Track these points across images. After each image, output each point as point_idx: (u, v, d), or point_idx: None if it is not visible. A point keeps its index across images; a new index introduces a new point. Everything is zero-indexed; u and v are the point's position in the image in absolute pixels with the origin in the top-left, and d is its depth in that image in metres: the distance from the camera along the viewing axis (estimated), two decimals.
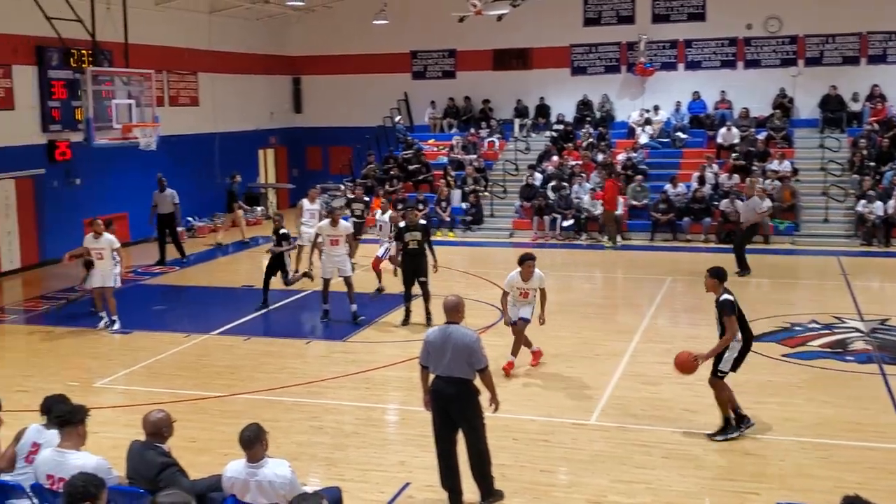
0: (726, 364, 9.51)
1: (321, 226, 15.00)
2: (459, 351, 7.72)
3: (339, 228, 14.68)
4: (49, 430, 6.92)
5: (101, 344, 13.86)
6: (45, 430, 6.92)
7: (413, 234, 14.20)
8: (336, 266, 14.67)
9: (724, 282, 9.65)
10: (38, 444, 6.81)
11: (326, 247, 14.67)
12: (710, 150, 25.20)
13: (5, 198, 19.56)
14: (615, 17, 27.77)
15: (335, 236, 14.65)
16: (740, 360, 9.60)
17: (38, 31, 19.28)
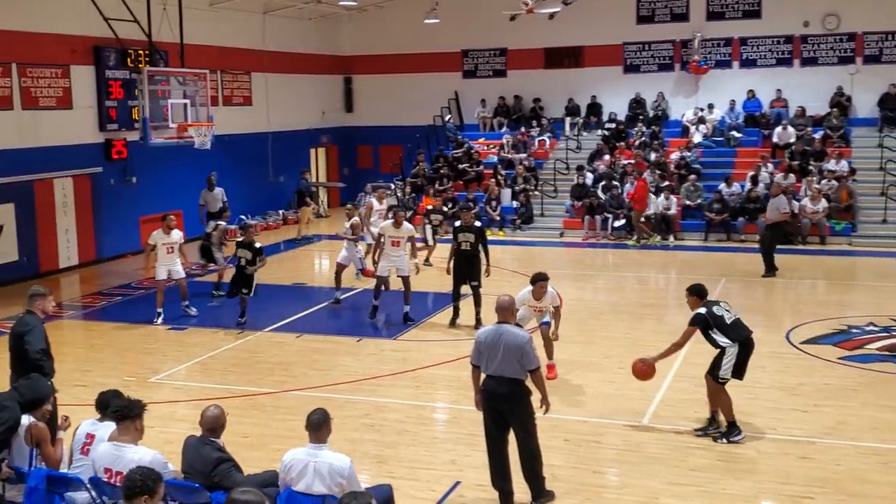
0: (727, 372, 9.39)
1: (384, 226, 14.93)
2: (511, 351, 7.70)
3: (402, 230, 14.66)
4: (103, 422, 7.05)
5: (157, 340, 14.06)
6: (98, 423, 7.05)
7: (466, 235, 14.12)
8: (394, 265, 14.66)
9: (704, 298, 9.61)
10: (92, 434, 6.94)
11: (387, 247, 14.64)
12: (765, 150, 24.84)
13: (63, 196, 19.92)
14: (669, 15, 27.51)
15: (397, 238, 14.65)
16: (742, 367, 9.46)
17: (96, 32, 19.62)
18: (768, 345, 13.12)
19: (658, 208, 22.82)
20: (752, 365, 11.95)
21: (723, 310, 9.50)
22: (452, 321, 14.37)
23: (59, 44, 19.52)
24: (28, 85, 18.85)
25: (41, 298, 8.61)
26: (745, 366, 9.50)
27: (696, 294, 9.65)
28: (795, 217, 21.84)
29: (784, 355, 12.64)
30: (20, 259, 18.81)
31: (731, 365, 9.36)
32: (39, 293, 8.65)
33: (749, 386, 11.18)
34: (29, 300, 8.57)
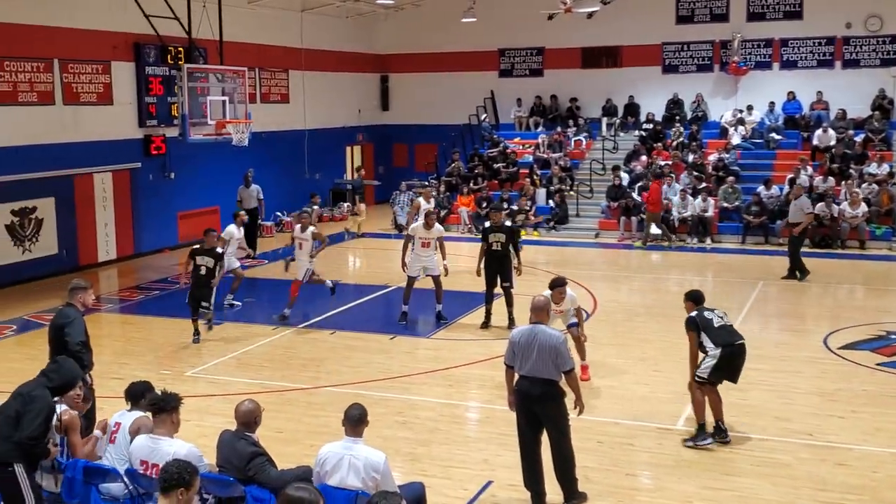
0: (704, 371, 9.28)
1: (415, 227, 14.83)
2: (545, 351, 7.69)
3: (432, 231, 14.62)
4: (131, 412, 7.12)
5: (192, 334, 14.15)
6: (126, 412, 7.12)
7: (497, 235, 14.02)
8: (423, 265, 14.65)
9: (700, 304, 9.53)
10: (119, 423, 7.02)
11: (417, 248, 14.59)
12: (804, 152, 24.56)
13: (103, 190, 20.15)
14: (709, 15, 27.29)
15: (427, 239, 14.61)
16: (734, 371, 9.39)
17: (137, 29, 19.81)
18: (805, 350, 13.01)
19: (695, 210, 22.64)
20: (790, 370, 11.97)
21: (714, 315, 9.42)
22: (485, 324, 14.28)
23: (100, 40, 19.75)
24: (69, 80, 19.09)
25: (82, 291, 8.72)
26: (738, 371, 9.44)
27: (692, 300, 9.64)
28: (835, 221, 21.59)
29: (821, 360, 12.49)
30: (59, 253, 19.06)
31: (710, 367, 9.24)
32: (80, 286, 8.76)
33: (786, 391, 11.12)
34: (70, 293, 8.68)
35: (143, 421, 6.92)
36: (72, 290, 8.69)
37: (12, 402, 6.60)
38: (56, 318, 8.62)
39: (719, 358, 9.22)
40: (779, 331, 14.55)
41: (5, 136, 17.74)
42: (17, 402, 6.55)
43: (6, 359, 12.85)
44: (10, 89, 17.77)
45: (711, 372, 9.27)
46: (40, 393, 6.65)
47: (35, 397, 6.59)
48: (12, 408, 6.55)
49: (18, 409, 6.51)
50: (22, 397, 6.57)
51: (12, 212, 18.04)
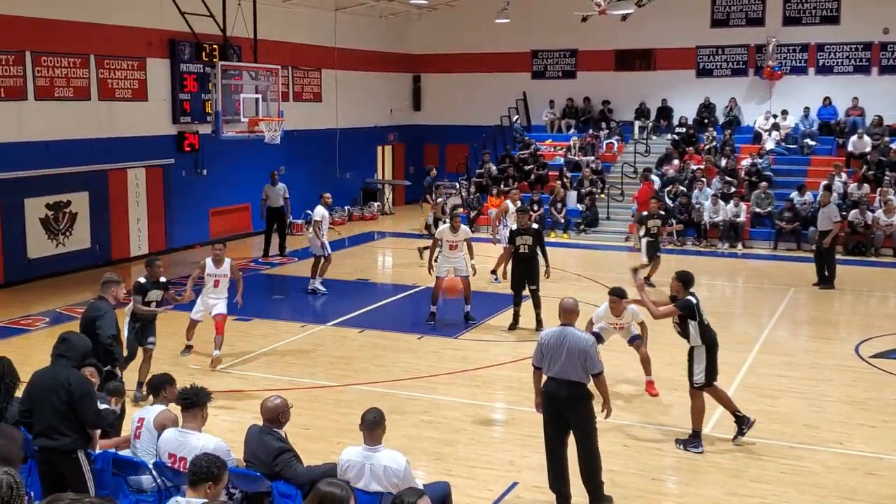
0: (700, 377, 9.26)
1: (442, 230, 14.90)
2: (575, 354, 7.67)
3: (459, 234, 14.68)
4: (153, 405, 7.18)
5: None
6: (149, 407, 7.19)
7: (524, 237, 14.01)
8: (453, 266, 14.67)
9: (689, 287, 9.41)
10: (142, 418, 7.08)
11: (445, 250, 14.63)
12: (839, 158, 24.31)
13: (136, 186, 20.34)
14: (744, 19, 27.08)
15: (455, 241, 14.64)
16: (712, 370, 9.34)
17: (172, 26, 19.99)
18: (836, 358, 12.88)
19: (727, 215, 22.49)
20: (820, 377, 11.86)
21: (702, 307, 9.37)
22: (512, 325, 14.26)
23: (136, 37, 19.95)
24: (105, 76, 19.30)
25: (114, 285, 8.82)
26: (716, 367, 9.40)
27: (682, 281, 9.46)
28: (869, 228, 21.36)
29: (853, 369, 12.35)
30: (92, 247, 19.27)
31: (703, 369, 9.23)
32: (113, 280, 8.86)
33: (816, 399, 11.02)
34: (102, 287, 8.77)
35: (166, 415, 6.98)
36: (104, 284, 8.78)
37: (50, 394, 6.49)
38: (88, 311, 8.72)
39: (707, 359, 9.24)
40: (810, 338, 14.40)
41: (41, 131, 17.96)
42: (61, 394, 6.46)
43: (38, 350, 12.96)
44: (46, 84, 17.98)
45: (706, 375, 9.25)
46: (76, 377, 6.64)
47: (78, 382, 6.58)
48: (54, 399, 6.47)
49: (65, 399, 6.45)
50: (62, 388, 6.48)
51: (47, 205, 18.26)
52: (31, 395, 6.59)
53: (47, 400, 6.49)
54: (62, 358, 6.71)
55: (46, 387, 6.54)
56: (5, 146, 17.30)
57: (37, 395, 6.55)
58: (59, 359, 6.72)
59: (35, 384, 6.61)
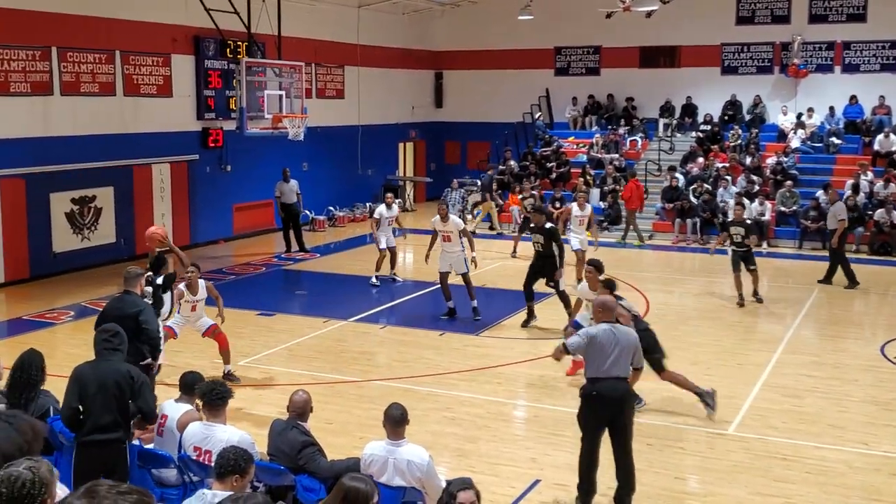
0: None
1: (433, 221, 14.99)
2: (626, 350, 7.65)
3: (449, 224, 14.66)
4: (178, 402, 7.19)
5: (246, 324, 14.31)
6: (172, 402, 7.20)
7: (536, 237, 13.98)
8: (450, 261, 14.63)
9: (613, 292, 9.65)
10: (165, 415, 7.10)
11: (440, 242, 14.72)
12: (865, 157, 24.10)
13: (161, 181, 20.45)
14: (770, 17, 26.89)
15: (446, 232, 14.65)
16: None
17: (197, 22, 20.09)
18: (862, 358, 12.77)
19: (752, 214, 22.33)
20: (845, 377, 11.77)
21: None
22: (525, 322, 14.13)
23: (160, 33, 20.05)
24: (130, 72, 19.41)
25: (140, 278, 8.88)
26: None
27: (608, 287, 9.92)
28: (895, 228, 21.17)
29: (878, 369, 12.24)
30: (117, 241, 19.39)
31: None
32: (139, 273, 8.92)
33: (841, 399, 10.94)
34: (129, 280, 8.80)
35: (191, 415, 6.99)
36: (133, 277, 8.80)
37: (111, 388, 6.53)
38: (123, 307, 8.64)
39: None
40: (835, 338, 14.28)
41: (67, 126, 18.10)
42: (123, 386, 6.54)
43: (64, 344, 13.11)
44: (72, 80, 18.11)
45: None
46: (135, 370, 6.79)
47: (138, 374, 6.72)
48: (115, 392, 6.53)
49: (126, 391, 6.55)
50: (124, 381, 6.56)
51: (72, 200, 18.40)
52: (86, 389, 6.56)
53: (107, 393, 6.54)
54: (116, 352, 6.80)
55: (105, 381, 6.57)
56: (31, 141, 17.45)
57: (95, 390, 6.53)
58: (112, 352, 6.78)
59: (90, 378, 6.60)
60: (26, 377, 6.90)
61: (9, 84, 16.93)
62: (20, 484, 3.22)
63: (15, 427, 3.85)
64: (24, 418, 4.09)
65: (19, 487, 3.21)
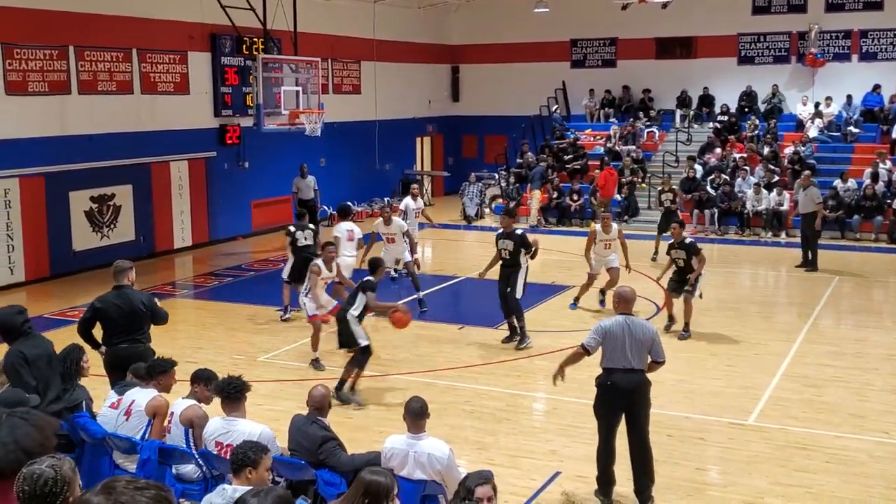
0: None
1: (376, 224, 15.24)
2: (640, 342, 7.63)
3: (392, 226, 14.93)
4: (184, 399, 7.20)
5: (266, 320, 14.38)
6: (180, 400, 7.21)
7: (505, 242, 12.77)
8: (393, 256, 14.99)
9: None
10: (173, 412, 7.15)
11: (384, 244, 15.00)
12: (883, 146, 23.92)
13: (179, 178, 20.56)
14: (786, 6, 26.71)
15: (390, 235, 14.92)
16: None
17: (213, 20, 20.17)
18: (882, 347, 12.71)
19: (770, 204, 22.25)
20: (866, 366, 11.72)
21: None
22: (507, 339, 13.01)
23: (177, 31, 20.14)
24: (147, 70, 19.51)
25: (130, 271, 9.01)
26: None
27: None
28: None
29: None
30: (137, 239, 19.52)
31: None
32: (128, 266, 9.05)
33: (861, 388, 10.90)
34: (120, 274, 8.90)
35: (194, 411, 7.01)
36: (124, 271, 8.94)
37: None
38: (130, 300, 8.78)
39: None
40: (855, 327, 14.22)
41: (85, 124, 18.21)
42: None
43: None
44: (90, 78, 18.22)
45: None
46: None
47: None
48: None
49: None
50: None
51: (91, 198, 18.52)
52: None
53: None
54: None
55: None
56: (50, 140, 17.57)
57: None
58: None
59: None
60: (64, 369, 7.18)
61: (27, 84, 17.06)
62: (42, 482, 3.24)
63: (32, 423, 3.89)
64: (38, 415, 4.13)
65: (41, 485, 3.23)
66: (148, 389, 7.23)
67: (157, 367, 7.44)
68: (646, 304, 14.52)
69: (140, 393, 7.20)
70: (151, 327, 8.98)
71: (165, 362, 7.53)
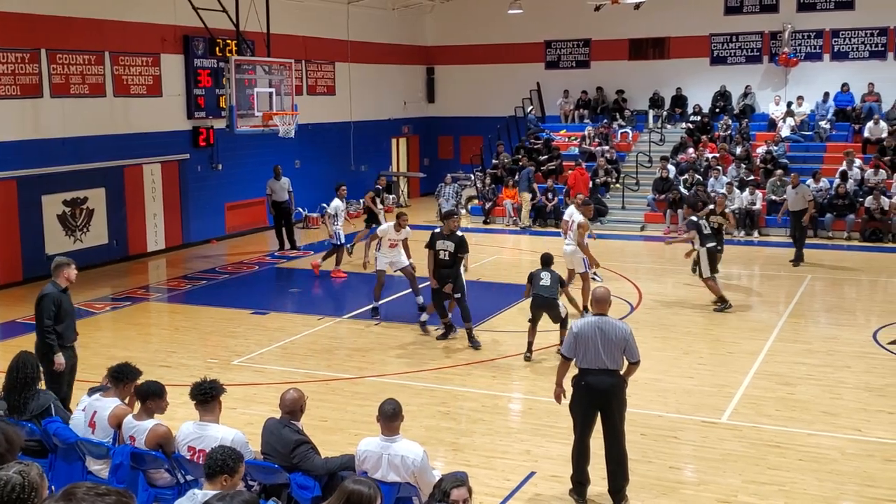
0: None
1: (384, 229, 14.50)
2: (613, 343, 7.66)
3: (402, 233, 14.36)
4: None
5: (240, 324, 14.33)
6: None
7: (445, 243, 12.80)
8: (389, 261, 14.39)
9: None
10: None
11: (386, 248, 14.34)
12: (854, 145, 24.16)
13: (152, 181, 20.43)
14: (758, 6, 26.92)
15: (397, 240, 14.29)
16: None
17: (186, 22, 20.07)
18: (854, 344, 12.83)
19: (742, 203, 22.41)
20: (838, 364, 11.84)
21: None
22: (443, 335, 13.22)
23: (149, 33, 20.01)
24: (120, 73, 19.38)
25: (66, 267, 9.01)
26: None
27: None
28: (885, 215, 21.26)
29: (871, 355, 12.30)
30: (110, 242, 19.38)
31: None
32: (64, 263, 9.07)
33: (834, 385, 10.99)
34: (54, 270, 8.97)
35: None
36: (56, 268, 8.99)
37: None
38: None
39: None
40: (827, 325, 14.35)
41: (58, 128, 18.07)
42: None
43: None
44: (62, 81, 18.08)
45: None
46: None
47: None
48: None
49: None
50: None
51: (64, 202, 18.37)
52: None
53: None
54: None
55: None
56: (22, 143, 17.42)
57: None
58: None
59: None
60: (23, 377, 7.14)
61: None
62: (10, 488, 3.22)
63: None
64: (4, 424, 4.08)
65: (9, 491, 3.21)
66: (108, 400, 7.09)
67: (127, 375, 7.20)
68: (620, 304, 14.58)
69: (99, 403, 7.08)
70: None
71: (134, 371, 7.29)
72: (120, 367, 7.25)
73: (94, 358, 11.36)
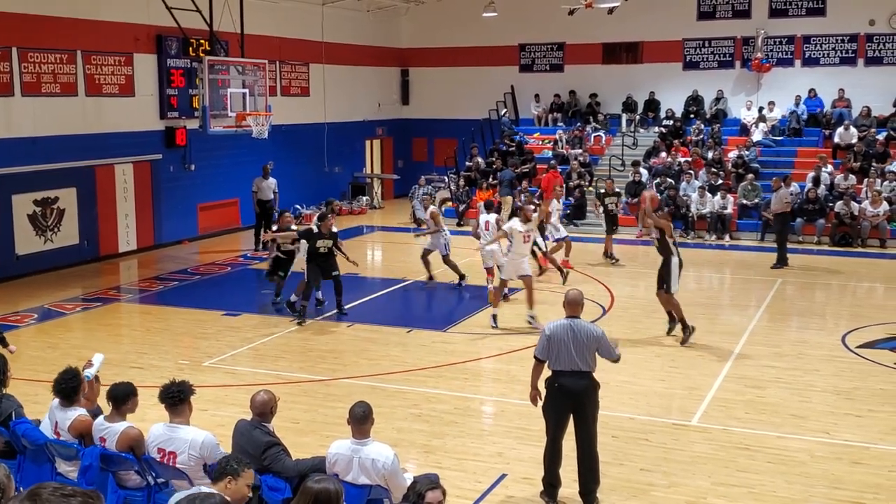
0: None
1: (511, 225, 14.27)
2: (585, 344, 7.70)
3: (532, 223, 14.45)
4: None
5: (212, 325, 14.26)
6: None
7: (325, 241, 14.48)
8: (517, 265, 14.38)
9: None
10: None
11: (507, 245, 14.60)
12: (825, 150, 24.41)
13: (124, 181, 20.28)
14: (731, 11, 27.14)
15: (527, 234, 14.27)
16: None
17: (159, 21, 19.94)
18: (823, 348, 12.96)
19: (714, 207, 22.59)
20: (807, 367, 11.94)
21: None
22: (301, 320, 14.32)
23: (122, 32, 19.88)
24: (92, 72, 19.23)
25: None
26: None
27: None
28: (855, 220, 21.48)
29: (839, 359, 12.43)
30: (81, 243, 19.22)
31: None
32: None
33: (803, 389, 11.10)
34: None
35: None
36: None
37: None
38: None
39: None
40: (797, 329, 14.48)
41: (28, 127, 17.91)
42: None
43: (27, 346, 12.98)
44: (33, 80, 17.92)
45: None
46: None
47: None
48: None
49: None
50: None
51: (34, 202, 18.20)
52: None
53: None
54: None
55: None
56: None
57: None
58: None
59: None
60: None
61: None
62: None
63: None
64: None
65: None
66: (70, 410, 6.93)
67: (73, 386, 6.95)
68: (592, 306, 14.65)
69: (60, 413, 6.96)
70: None
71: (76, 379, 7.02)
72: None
73: (64, 359, 11.20)
